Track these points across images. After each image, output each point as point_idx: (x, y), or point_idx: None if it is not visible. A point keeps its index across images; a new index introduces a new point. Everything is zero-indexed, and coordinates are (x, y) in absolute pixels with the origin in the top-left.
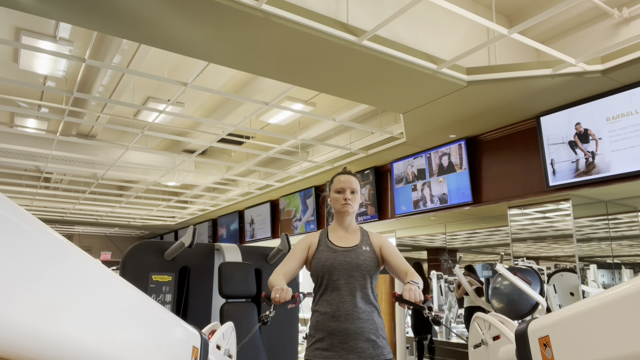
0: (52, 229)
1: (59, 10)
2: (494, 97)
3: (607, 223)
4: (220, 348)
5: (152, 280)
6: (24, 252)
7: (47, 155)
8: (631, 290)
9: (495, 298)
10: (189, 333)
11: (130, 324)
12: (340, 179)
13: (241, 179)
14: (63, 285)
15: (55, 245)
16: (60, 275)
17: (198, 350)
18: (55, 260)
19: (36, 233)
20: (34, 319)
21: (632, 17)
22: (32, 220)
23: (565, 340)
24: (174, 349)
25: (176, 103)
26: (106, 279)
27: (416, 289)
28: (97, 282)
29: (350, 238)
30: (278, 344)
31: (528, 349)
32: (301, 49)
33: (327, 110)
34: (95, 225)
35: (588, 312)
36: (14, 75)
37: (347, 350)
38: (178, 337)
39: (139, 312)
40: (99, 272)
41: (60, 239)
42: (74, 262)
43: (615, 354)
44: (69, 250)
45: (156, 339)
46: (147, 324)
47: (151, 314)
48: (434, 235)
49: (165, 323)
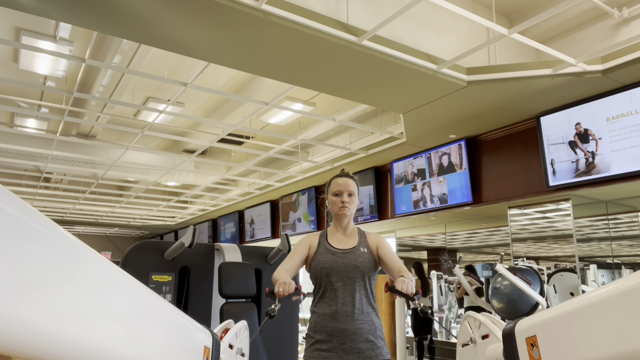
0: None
1: (59, 10)
2: (494, 97)
3: (607, 223)
4: (233, 347)
5: (152, 280)
6: (40, 254)
7: (47, 155)
8: (618, 290)
9: (495, 298)
10: (201, 333)
11: (143, 325)
12: (337, 181)
13: (241, 179)
14: (78, 286)
15: (70, 247)
16: (75, 277)
17: (210, 350)
18: (71, 262)
19: (51, 235)
20: (50, 320)
21: (632, 17)
22: (46, 222)
23: (553, 340)
24: (186, 348)
25: (176, 103)
26: (120, 279)
27: (409, 282)
28: (111, 282)
29: (348, 240)
30: (278, 344)
31: (515, 349)
32: (301, 49)
33: (327, 110)
34: (95, 225)
35: (575, 312)
36: (14, 75)
37: (346, 351)
38: (190, 337)
39: (151, 313)
40: (112, 273)
41: (74, 240)
42: (88, 263)
43: (603, 354)
44: (82, 251)
45: (169, 339)
46: (160, 324)
47: (164, 314)
48: (434, 235)
49: (177, 323)
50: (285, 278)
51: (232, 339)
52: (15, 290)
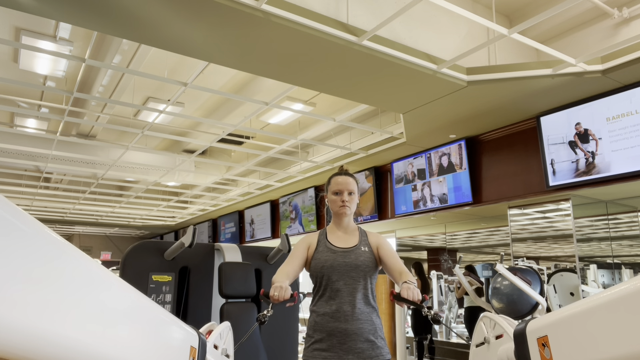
0: (49, 229)
1: (59, 10)
2: (494, 97)
3: (607, 223)
4: (218, 348)
5: (152, 280)
6: (20, 251)
7: (47, 155)
8: (629, 290)
9: (495, 298)
10: (187, 333)
11: (128, 324)
12: (337, 180)
13: (241, 179)
14: (60, 284)
15: (51, 245)
16: (57, 275)
17: (196, 350)
18: (52, 260)
19: (32, 232)
20: (30, 318)
21: (632, 17)
22: (28, 219)
23: (564, 340)
24: (172, 349)
25: (176, 103)
26: (103, 278)
27: (414, 288)
28: (94, 281)
29: (349, 239)
30: (278, 343)
31: (527, 349)
32: (301, 49)
33: (327, 110)
34: (95, 225)
35: (586, 312)
36: (14, 75)
37: (346, 351)
38: (176, 337)
39: (136, 312)
40: (96, 272)
41: (57, 238)
42: (70, 262)
43: (614, 354)
44: (65, 249)
45: (154, 338)
46: (145, 324)
47: (149, 313)
48: (434, 235)
49: (163, 323)
50: (282, 282)
51: (216, 340)
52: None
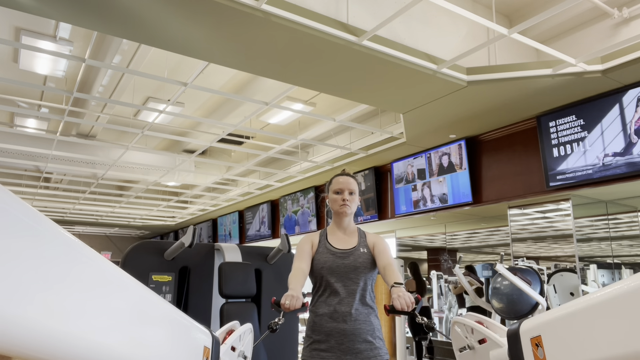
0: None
1: (59, 10)
2: (494, 97)
3: (607, 223)
4: (236, 349)
5: (152, 280)
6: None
7: (47, 155)
8: (622, 290)
9: (495, 298)
10: (201, 333)
11: (143, 324)
12: (338, 180)
13: (241, 179)
14: (78, 286)
15: (70, 247)
16: (75, 277)
17: (209, 350)
18: (71, 262)
19: (50, 235)
20: (50, 320)
21: (632, 17)
22: (46, 222)
23: (557, 340)
24: (186, 348)
25: (176, 103)
26: (119, 279)
27: (404, 294)
28: (111, 283)
29: (348, 240)
30: (278, 343)
31: (520, 349)
32: (301, 49)
33: (327, 110)
34: (95, 225)
35: (580, 312)
36: (14, 75)
37: (345, 351)
38: (190, 337)
39: (151, 312)
40: (112, 273)
41: (74, 240)
42: (88, 264)
43: (607, 354)
44: (83, 251)
45: (168, 338)
46: (160, 324)
47: (163, 313)
48: (434, 235)
49: (177, 323)
50: (296, 290)
51: (235, 341)
52: (15, 290)
